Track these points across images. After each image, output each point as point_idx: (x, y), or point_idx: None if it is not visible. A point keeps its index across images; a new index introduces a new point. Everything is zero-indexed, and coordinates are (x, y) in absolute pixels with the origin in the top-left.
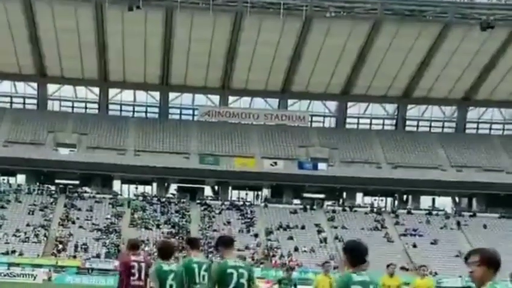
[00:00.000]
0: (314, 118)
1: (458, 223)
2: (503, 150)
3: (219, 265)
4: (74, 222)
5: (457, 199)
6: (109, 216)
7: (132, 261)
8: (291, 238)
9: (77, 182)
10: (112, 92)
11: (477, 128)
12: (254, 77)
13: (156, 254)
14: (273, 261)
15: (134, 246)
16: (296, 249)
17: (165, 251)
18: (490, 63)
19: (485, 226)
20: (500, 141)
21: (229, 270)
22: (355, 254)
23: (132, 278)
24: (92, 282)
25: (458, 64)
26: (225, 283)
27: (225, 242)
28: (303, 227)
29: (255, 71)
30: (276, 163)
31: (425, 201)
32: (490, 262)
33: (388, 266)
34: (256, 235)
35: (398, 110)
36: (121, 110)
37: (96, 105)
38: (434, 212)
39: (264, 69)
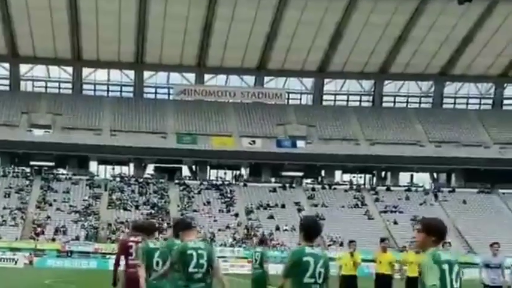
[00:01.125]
0: (291, 95)
1: (436, 196)
2: (480, 125)
3: (179, 247)
4: (51, 205)
5: (435, 175)
6: (86, 198)
7: (130, 242)
8: (271, 217)
9: (53, 164)
10: (86, 71)
11: (454, 103)
12: (230, 54)
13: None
14: (255, 241)
15: (136, 228)
16: (277, 228)
17: (150, 229)
18: (467, 38)
19: (464, 201)
20: (478, 116)
21: (189, 252)
22: (310, 230)
23: (129, 257)
24: (74, 265)
25: (435, 39)
26: (185, 264)
27: (184, 226)
28: (283, 206)
29: (231, 48)
30: (254, 142)
31: (404, 177)
32: (429, 229)
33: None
34: (236, 215)
35: (375, 86)
36: (95, 90)
37: (69, 85)
38: (413, 189)
39: (240, 46)
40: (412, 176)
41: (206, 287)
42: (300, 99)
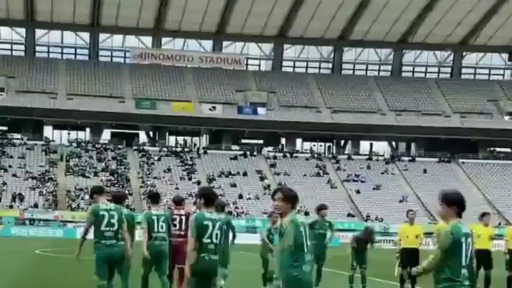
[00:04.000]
0: (250, 61)
1: (396, 165)
2: (440, 94)
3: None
4: (6, 171)
5: (393, 144)
6: (43, 164)
7: (175, 215)
8: (234, 185)
9: (6, 128)
10: (39, 32)
11: (413, 72)
12: (188, 18)
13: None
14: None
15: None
16: (240, 197)
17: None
18: (427, 6)
19: (425, 170)
20: (437, 84)
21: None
22: (208, 198)
23: (174, 228)
24: (40, 233)
25: (396, 6)
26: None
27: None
28: (245, 174)
29: (190, 12)
30: (214, 108)
31: (363, 146)
32: (289, 199)
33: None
34: (198, 182)
35: (334, 52)
36: (49, 52)
37: (22, 47)
38: (374, 157)
39: (198, 10)
40: (371, 144)
41: None
42: (259, 65)
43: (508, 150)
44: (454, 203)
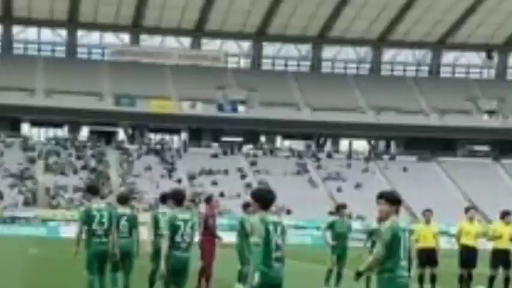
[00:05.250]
0: (229, 59)
1: (370, 159)
2: (418, 92)
3: (85, 208)
4: None
5: (372, 142)
6: (21, 162)
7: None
8: (215, 183)
9: None
10: (16, 29)
11: (392, 70)
12: (167, 14)
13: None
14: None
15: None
16: (222, 195)
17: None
18: (406, 4)
19: (405, 169)
20: (415, 83)
21: (93, 213)
22: (178, 199)
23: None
24: (23, 232)
25: (375, 4)
26: (89, 223)
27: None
28: (225, 172)
29: (168, 8)
30: (195, 105)
31: (342, 144)
32: (256, 198)
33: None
34: (179, 180)
35: (313, 50)
36: (26, 49)
37: None
38: (354, 156)
39: (177, 6)
40: (350, 143)
41: None
42: (239, 62)
43: (486, 148)
44: (396, 202)
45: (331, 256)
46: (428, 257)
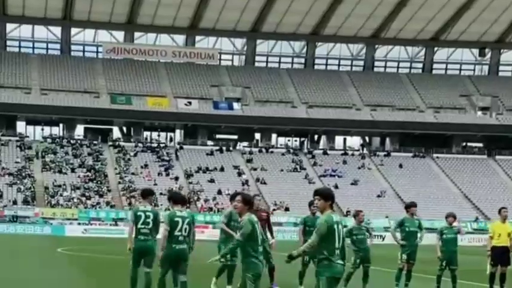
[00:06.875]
0: (222, 56)
1: (372, 160)
2: (412, 89)
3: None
4: None
5: (367, 139)
6: (19, 160)
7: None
8: (212, 181)
9: None
10: (10, 26)
11: (385, 67)
12: (162, 12)
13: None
14: (199, 205)
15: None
16: (219, 192)
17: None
18: (400, 2)
19: (401, 165)
20: (409, 79)
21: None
22: (176, 199)
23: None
24: (28, 231)
25: (369, 1)
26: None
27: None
28: (222, 169)
29: (163, 6)
30: (190, 103)
31: (337, 141)
32: (245, 202)
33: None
34: (176, 178)
35: (307, 47)
36: (20, 46)
37: None
38: (349, 152)
39: (172, 4)
40: (345, 139)
41: None
42: (232, 60)
43: (481, 144)
44: (330, 198)
45: None
46: (502, 256)
